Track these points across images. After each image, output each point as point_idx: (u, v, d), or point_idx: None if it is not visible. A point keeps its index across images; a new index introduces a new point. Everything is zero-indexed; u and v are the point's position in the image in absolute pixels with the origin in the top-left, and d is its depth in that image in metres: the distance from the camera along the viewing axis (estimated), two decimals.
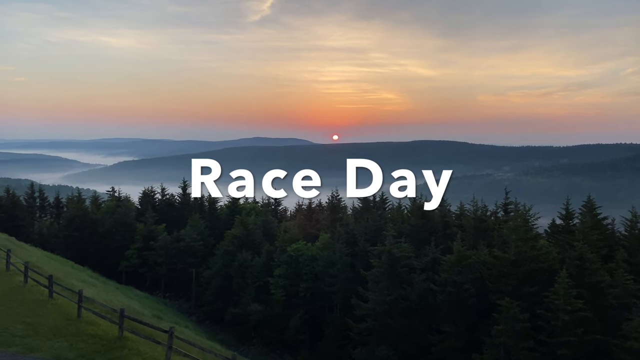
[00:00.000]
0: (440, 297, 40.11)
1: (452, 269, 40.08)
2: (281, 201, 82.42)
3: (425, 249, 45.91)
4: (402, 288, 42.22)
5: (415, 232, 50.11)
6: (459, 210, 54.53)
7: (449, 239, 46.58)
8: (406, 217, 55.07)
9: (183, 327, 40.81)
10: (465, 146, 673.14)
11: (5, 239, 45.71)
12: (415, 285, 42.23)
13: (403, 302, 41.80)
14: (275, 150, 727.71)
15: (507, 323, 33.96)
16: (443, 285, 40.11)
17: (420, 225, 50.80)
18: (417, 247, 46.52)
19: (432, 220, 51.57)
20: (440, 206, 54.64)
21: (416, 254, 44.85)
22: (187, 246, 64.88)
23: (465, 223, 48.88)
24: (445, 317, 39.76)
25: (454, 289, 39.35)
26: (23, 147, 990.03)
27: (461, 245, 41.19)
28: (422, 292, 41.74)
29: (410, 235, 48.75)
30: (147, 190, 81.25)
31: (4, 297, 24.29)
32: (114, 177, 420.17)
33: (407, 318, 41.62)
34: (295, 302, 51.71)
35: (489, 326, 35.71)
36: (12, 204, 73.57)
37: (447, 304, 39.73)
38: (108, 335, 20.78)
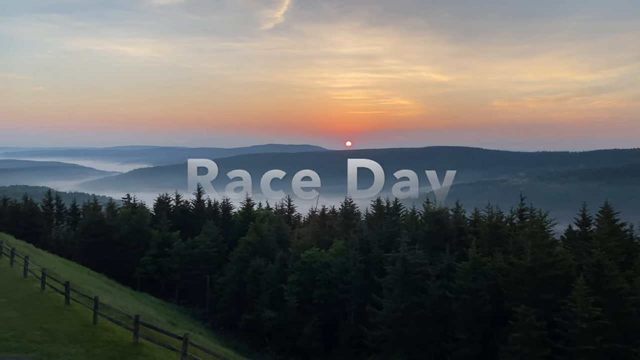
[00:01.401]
0: (455, 304, 39.76)
1: (467, 276, 39.75)
2: (294, 207, 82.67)
3: (439, 255, 45.58)
4: (417, 295, 41.94)
5: (430, 238, 49.80)
6: (474, 217, 54.10)
7: (464, 245, 46.21)
8: (420, 224, 54.78)
9: (197, 333, 40.95)
10: (479, 152, 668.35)
11: (23, 246, 46.33)
12: (430, 292, 41.93)
13: (417, 310, 41.52)
14: (288, 156, 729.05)
15: (524, 330, 33.55)
16: (458, 292, 39.77)
17: (435, 231, 50.48)
18: (432, 253, 46.20)
19: (447, 227, 51.23)
20: (455, 212, 54.37)
21: (431, 261, 44.55)
22: (202, 253, 65.18)
23: (480, 229, 48.47)
24: (460, 324, 39.40)
25: (469, 296, 39.00)
26: (41, 155, 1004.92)
27: (476, 252, 40.85)
28: (437, 299, 41.42)
29: (424, 242, 48.44)
30: (162, 197, 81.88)
31: (22, 304, 24.62)
32: (130, 184, 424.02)
33: (421, 325, 41.30)
34: (309, 309, 51.60)
35: (505, 334, 35.32)
36: (30, 211, 74.63)
37: (462, 311, 39.37)
38: (123, 342, 20.93)
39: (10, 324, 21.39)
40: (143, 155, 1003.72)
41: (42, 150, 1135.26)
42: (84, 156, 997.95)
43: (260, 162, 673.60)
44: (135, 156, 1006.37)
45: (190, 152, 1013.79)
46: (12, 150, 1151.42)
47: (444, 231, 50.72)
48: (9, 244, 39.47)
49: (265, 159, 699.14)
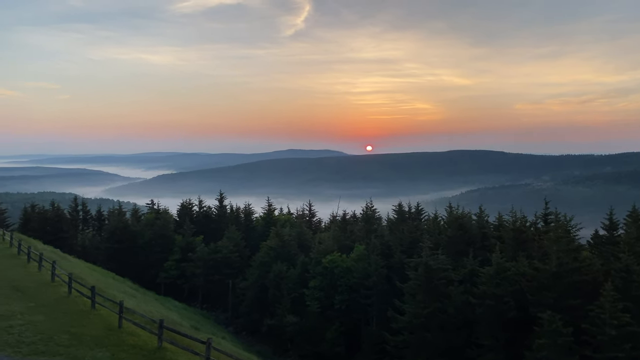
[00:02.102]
0: (479, 310, 39.26)
1: (491, 281, 39.22)
2: (315, 212, 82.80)
3: (462, 260, 45.09)
4: (439, 301, 41.52)
5: (453, 243, 49.30)
6: (497, 221, 53.39)
7: (487, 250, 45.65)
8: (443, 229, 54.30)
9: (220, 338, 41.20)
10: (502, 155, 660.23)
11: (51, 251, 47.31)
12: (453, 297, 41.48)
13: (440, 315, 41.10)
14: (309, 161, 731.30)
15: (550, 337, 32.92)
16: (481, 297, 39.26)
17: (458, 236, 49.96)
18: (455, 259, 45.72)
19: (470, 232, 50.67)
20: (478, 217, 53.76)
21: (453, 266, 44.09)
22: (224, 257, 65.65)
23: (503, 234, 47.83)
24: (484, 330, 38.87)
25: (492, 301, 38.47)
26: (67, 162, 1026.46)
27: (500, 257, 40.30)
28: (460, 304, 40.96)
29: (447, 247, 47.97)
30: (185, 202, 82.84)
31: (49, 307, 25.12)
32: (153, 190, 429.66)
33: (444, 331, 40.88)
34: (330, 314, 51.52)
35: (530, 340, 34.70)
36: (57, 217, 76.19)
37: (485, 317, 38.85)
38: (148, 346, 21.17)
39: (39, 328, 21.86)
40: (166, 162, 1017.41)
41: (69, 158, 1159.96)
42: (109, 163, 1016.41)
43: (281, 167, 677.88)
44: (159, 162, 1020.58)
45: (212, 158, 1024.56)
46: (39, 158, 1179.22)
47: (467, 236, 50.18)
48: (37, 249, 40.37)
49: (286, 164, 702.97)
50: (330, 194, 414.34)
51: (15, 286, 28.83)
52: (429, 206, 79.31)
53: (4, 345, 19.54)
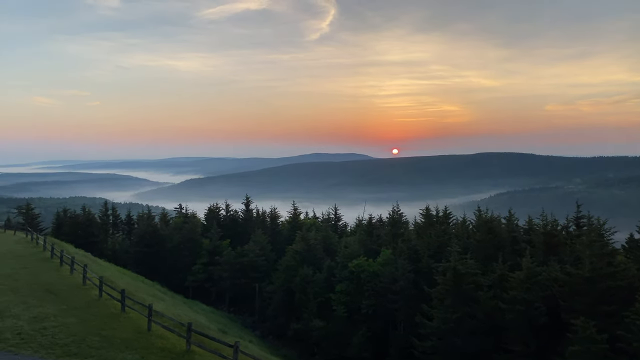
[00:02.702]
0: (509, 315, 38.49)
1: (521, 286, 38.40)
2: (341, 216, 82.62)
3: (492, 265, 44.30)
4: (468, 306, 40.88)
5: (482, 247, 48.51)
6: (527, 225, 52.35)
7: (517, 254, 44.76)
8: (471, 233, 53.50)
9: (247, 341, 41.38)
10: (532, 158, 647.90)
11: (82, 255, 48.34)
12: (482, 303, 40.78)
13: (469, 321, 40.45)
14: (334, 165, 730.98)
15: (583, 344, 32.00)
16: (511, 303, 38.47)
17: (487, 240, 49.14)
18: (484, 263, 44.96)
19: (499, 236, 49.78)
20: (508, 220, 52.81)
21: (482, 271, 43.35)
22: (250, 261, 66.03)
23: (534, 238, 46.85)
24: (514, 336, 38.09)
25: (523, 307, 37.66)
26: (98, 167, 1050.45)
27: (530, 262, 39.45)
28: (489, 310, 40.24)
29: (476, 251, 47.23)
30: (212, 206, 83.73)
31: (81, 310, 25.62)
32: (181, 194, 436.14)
33: (473, 337, 40.19)
34: (357, 319, 51.23)
35: (563, 347, 33.82)
36: (88, 221, 77.85)
37: (516, 323, 38.06)
38: (177, 349, 21.37)
39: (71, 330, 22.31)
40: (194, 166, 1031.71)
41: (99, 163, 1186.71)
42: (138, 168, 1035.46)
43: (306, 171, 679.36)
44: (187, 167, 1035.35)
45: (238, 162, 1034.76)
46: (71, 163, 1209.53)
47: (496, 240, 49.31)
48: (69, 252, 41.28)
49: (311, 168, 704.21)
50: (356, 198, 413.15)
51: (48, 289, 29.51)
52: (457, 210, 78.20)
53: (39, 347, 19.99)
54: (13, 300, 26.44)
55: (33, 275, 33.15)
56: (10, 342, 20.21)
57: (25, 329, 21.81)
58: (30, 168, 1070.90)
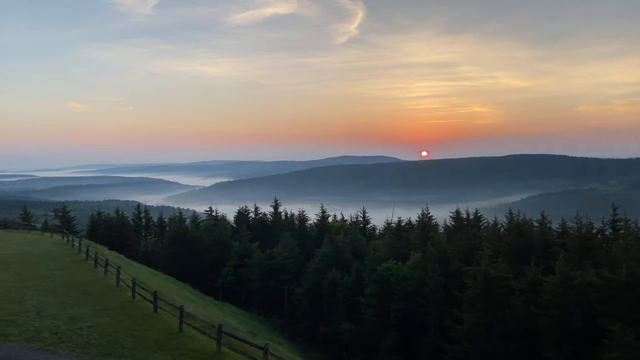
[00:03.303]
0: (542, 320, 37.67)
1: (555, 291, 37.53)
2: (369, 219, 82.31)
3: (524, 269, 43.42)
4: (500, 310, 40.17)
5: (513, 251, 47.64)
6: (561, 228, 51.15)
7: (550, 258, 43.76)
8: (503, 236, 52.62)
9: (277, 344, 41.59)
10: (565, 159, 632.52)
11: (116, 257, 49.41)
12: (514, 307, 40.02)
13: (501, 325, 39.74)
14: (362, 168, 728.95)
15: (620, 351, 31.05)
16: (545, 307, 37.65)
17: (519, 244, 48.22)
18: (516, 267, 44.10)
19: (531, 239, 48.79)
20: (540, 223, 51.73)
21: (514, 275, 42.55)
22: (279, 264, 66.39)
23: (568, 241, 45.75)
24: (548, 341, 37.23)
25: (557, 312, 36.79)
26: (131, 171, 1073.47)
27: (564, 266, 38.52)
28: (522, 314, 39.45)
29: (507, 255, 46.42)
30: (242, 209, 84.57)
31: (115, 311, 26.19)
32: (212, 197, 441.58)
33: (505, 342, 39.46)
34: (386, 323, 50.90)
35: (598, 353, 32.90)
36: (121, 224, 79.55)
37: (549, 328, 37.22)
38: (207, 350, 21.63)
39: (105, 330, 22.84)
40: (224, 170, 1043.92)
41: (132, 167, 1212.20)
42: (169, 171, 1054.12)
43: (335, 174, 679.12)
44: (217, 170, 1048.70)
45: (267, 165, 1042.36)
46: (105, 167, 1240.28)
47: (528, 243, 48.34)
48: (103, 254, 42.30)
49: (339, 171, 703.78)
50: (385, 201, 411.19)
51: (83, 290, 30.27)
52: (487, 213, 77.07)
53: (75, 346, 20.53)
54: (50, 300, 27.23)
55: (69, 276, 34.06)
56: (48, 341, 20.82)
57: (62, 329, 22.43)
58: (66, 172, 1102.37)
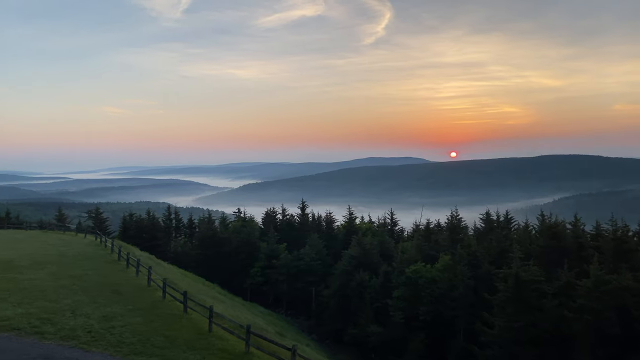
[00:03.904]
0: (576, 324, 36.77)
1: (590, 295, 36.61)
2: (397, 221, 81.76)
3: (556, 272, 42.47)
4: (532, 314, 39.37)
5: (545, 254, 46.66)
6: (595, 230, 49.86)
7: (584, 261, 42.69)
8: (534, 238, 51.60)
9: (304, 345, 41.64)
10: (599, 160, 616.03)
11: (147, 257, 50.25)
12: (547, 311, 39.16)
13: (533, 329, 38.93)
14: (390, 169, 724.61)
15: None
16: (579, 312, 36.74)
17: (551, 246, 47.20)
18: (548, 270, 43.17)
19: (564, 241, 47.72)
20: (573, 226, 50.54)
21: (546, 278, 41.65)
22: (306, 265, 66.52)
23: (602, 244, 44.55)
24: (582, 347, 36.32)
25: (591, 316, 35.85)
26: (161, 173, 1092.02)
27: (599, 269, 37.53)
28: (555, 319, 38.59)
29: (539, 258, 45.49)
30: (269, 211, 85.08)
31: (146, 311, 26.64)
32: (240, 198, 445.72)
33: (537, 346, 38.66)
34: (415, 325, 50.42)
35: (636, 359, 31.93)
36: (152, 225, 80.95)
37: (583, 333, 36.31)
38: (236, 350, 21.80)
39: (137, 329, 23.24)
40: (252, 172, 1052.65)
41: (163, 169, 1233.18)
42: (199, 173, 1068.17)
43: (362, 175, 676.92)
44: (245, 172, 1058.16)
45: (294, 167, 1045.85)
46: (137, 170, 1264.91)
47: (561, 246, 47.27)
48: (135, 255, 43.06)
49: (367, 172, 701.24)
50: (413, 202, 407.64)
51: (116, 290, 30.88)
52: (518, 214, 75.66)
53: (107, 345, 20.97)
54: (84, 299, 27.87)
55: (102, 276, 34.80)
56: (82, 339, 21.30)
57: (95, 328, 22.93)
58: (99, 174, 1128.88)
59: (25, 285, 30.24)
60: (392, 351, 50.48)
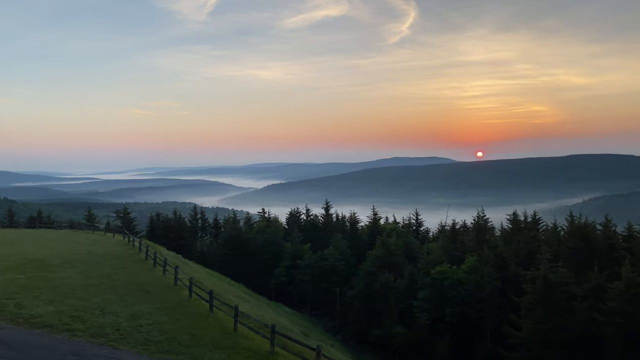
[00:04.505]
0: (607, 328, 35.88)
1: (621, 298, 35.68)
2: (422, 221, 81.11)
3: (586, 274, 41.51)
4: (561, 317, 38.57)
5: (574, 255, 45.66)
6: (627, 232, 48.55)
7: (616, 263, 41.65)
8: (563, 239, 50.54)
9: (329, 345, 41.62)
10: (631, 159, 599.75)
11: (174, 257, 50.93)
12: (576, 314, 38.33)
13: (562, 332, 38.15)
14: (414, 169, 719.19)
15: None
16: (610, 315, 35.86)
17: (580, 248, 46.18)
18: (577, 272, 42.25)
19: (594, 243, 46.62)
20: (604, 227, 49.35)
21: (576, 280, 40.76)
22: (331, 265, 66.50)
23: (635, 246, 43.41)
24: (614, 350, 35.47)
25: (623, 319, 34.95)
26: (187, 173, 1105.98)
27: (631, 271, 36.54)
28: (585, 321, 37.74)
29: (568, 259, 44.54)
30: (293, 211, 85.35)
31: (173, 309, 26.99)
32: (264, 199, 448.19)
33: (567, 350, 37.87)
34: (440, 327, 49.95)
35: None
36: (178, 224, 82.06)
37: (615, 336, 35.43)
38: (261, 350, 21.91)
39: (164, 328, 23.57)
40: (276, 172, 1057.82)
41: (189, 170, 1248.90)
42: (224, 174, 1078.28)
43: (386, 175, 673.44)
44: (269, 173, 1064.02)
45: (318, 167, 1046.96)
46: (163, 170, 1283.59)
47: (590, 247, 46.20)
48: (162, 254, 43.68)
49: (391, 173, 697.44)
50: (438, 203, 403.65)
51: (143, 288, 31.37)
52: (546, 215, 74.16)
53: (135, 343, 21.32)
54: (112, 298, 28.40)
55: (130, 275, 35.40)
56: (111, 337, 21.71)
57: (124, 326, 23.34)
58: (127, 175, 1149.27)
59: (56, 283, 30.97)
60: (417, 353, 50.08)
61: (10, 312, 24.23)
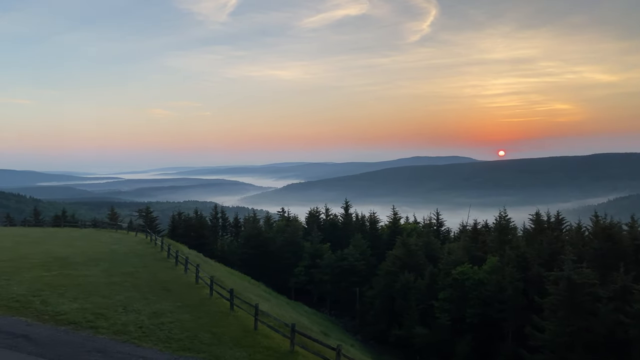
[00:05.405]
0: (633, 330, 35.06)
1: None
2: (443, 221, 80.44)
3: (612, 275, 40.66)
4: (585, 319, 37.85)
5: (599, 256, 44.76)
6: None
7: None
8: (588, 240, 49.60)
9: (349, 345, 41.58)
10: None
11: (195, 255, 51.43)
12: (601, 316, 37.56)
13: (586, 335, 37.43)
14: (435, 169, 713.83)
15: None
16: (636, 317, 35.04)
17: (606, 248, 45.25)
18: (602, 273, 41.39)
19: (620, 244, 45.65)
20: (630, 227, 48.31)
21: (601, 281, 39.94)
22: (350, 265, 66.37)
23: None
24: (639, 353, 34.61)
25: None
26: (208, 173, 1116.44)
27: None
28: (610, 324, 36.95)
29: (593, 260, 43.67)
30: (313, 210, 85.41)
31: (194, 308, 27.24)
32: (284, 198, 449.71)
33: (592, 352, 37.15)
34: (461, 328, 49.49)
35: None
36: (199, 224, 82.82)
37: None
38: (281, 349, 21.98)
39: (185, 326, 23.80)
40: (295, 171, 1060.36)
41: (210, 169, 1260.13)
42: (244, 173, 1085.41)
43: (406, 175, 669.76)
44: (289, 172, 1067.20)
45: (338, 167, 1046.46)
46: (185, 170, 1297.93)
47: (616, 248, 45.25)
48: (183, 253, 44.10)
49: (411, 172, 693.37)
50: (459, 202, 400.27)
51: (165, 287, 31.71)
52: (570, 215, 72.97)
53: (157, 340, 21.56)
54: (135, 296, 28.76)
55: (152, 273, 35.82)
56: (134, 334, 22.00)
57: (146, 323, 23.62)
58: (149, 174, 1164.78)
59: (80, 281, 31.48)
60: (438, 353, 49.71)
61: (36, 309, 24.71)
